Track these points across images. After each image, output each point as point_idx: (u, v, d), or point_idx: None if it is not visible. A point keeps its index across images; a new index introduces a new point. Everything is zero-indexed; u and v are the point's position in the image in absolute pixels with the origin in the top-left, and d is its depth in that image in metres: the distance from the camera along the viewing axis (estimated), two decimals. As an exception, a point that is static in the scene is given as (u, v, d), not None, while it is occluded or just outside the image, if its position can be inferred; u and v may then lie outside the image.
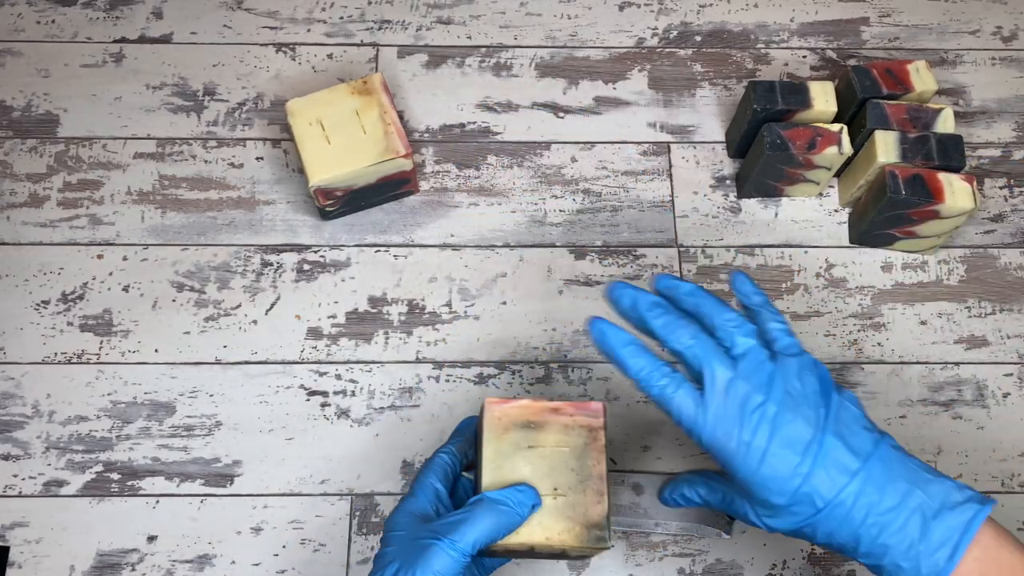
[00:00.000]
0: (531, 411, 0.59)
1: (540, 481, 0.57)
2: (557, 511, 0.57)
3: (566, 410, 0.59)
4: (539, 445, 0.58)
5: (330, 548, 0.71)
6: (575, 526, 0.56)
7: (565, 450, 0.58)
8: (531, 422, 0.58)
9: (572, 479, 0.57)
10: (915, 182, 0.75)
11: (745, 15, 0.92)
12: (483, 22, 0.90)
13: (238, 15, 0.90)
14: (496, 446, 0.58)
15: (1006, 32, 0.91)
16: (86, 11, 0.89)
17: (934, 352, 0.79)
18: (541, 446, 0.58)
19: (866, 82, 0.79)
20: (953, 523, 0.49)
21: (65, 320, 0.77)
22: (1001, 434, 0.76)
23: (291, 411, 0.75)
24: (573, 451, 0.58)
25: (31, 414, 0.74)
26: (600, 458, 0.58)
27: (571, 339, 0.78)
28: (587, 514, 0.56)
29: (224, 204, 0.82)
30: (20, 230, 0.80)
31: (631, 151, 0.85)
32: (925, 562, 0.48)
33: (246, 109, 0.86)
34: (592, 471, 0.58)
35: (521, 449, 0.58)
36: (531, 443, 0.58)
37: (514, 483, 0.56)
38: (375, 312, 0.79)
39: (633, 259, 0.81)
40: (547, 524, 0.56)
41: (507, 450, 0.58)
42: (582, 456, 0.58)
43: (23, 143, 0.84)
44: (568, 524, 0.56)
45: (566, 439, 0.58)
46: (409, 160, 0.77)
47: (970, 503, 0.50)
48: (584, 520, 0.56)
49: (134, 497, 0.72)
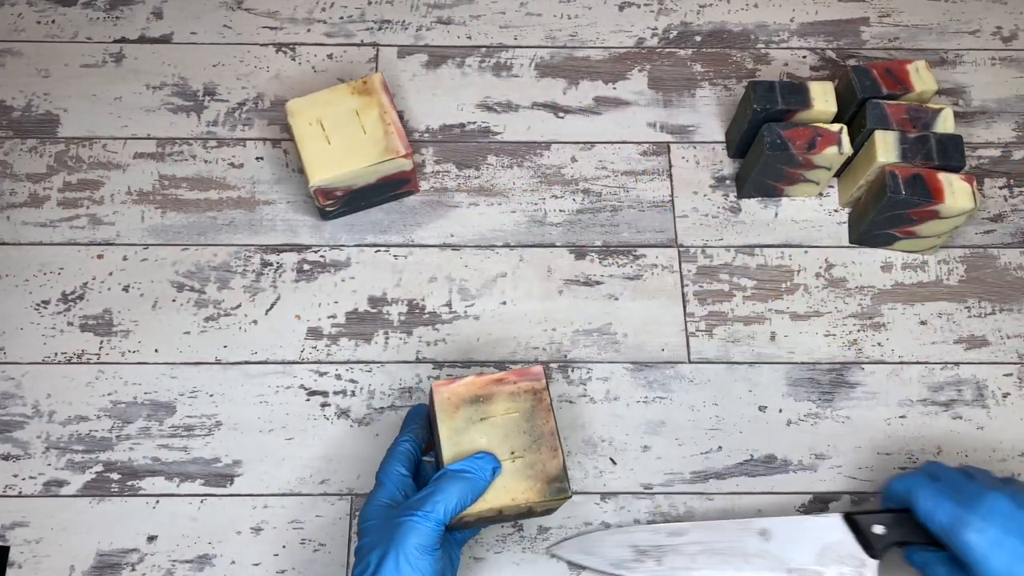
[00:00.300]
0: (477, 386, 0.63)
1: (497, 448, 0.61)
2: (517, 472, 0.61)
3: (509, 379, 0.63)
4: (490, 416, 0.62)
5: (330, 548, 0.71)
6: (536, 483, 0.61)
7: (515, 415, 0.62)
8: (479, 396, 0.63)
9: (526, 440, 0.62)
10: (915, 182, 0.75)
11: (745, 15, 0.92)
12: (483, 22, 0.90)
13: (238, 15, 0.90)
14: (450, 424, 0.62)
15: (1006, 32, 0.91)
16: (86, 11, 0.89)
17: (934, 352, 0.79)
18: (492, 416, 0.62)
19: (866, 82, 0.79)
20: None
21: (65, 320, 0.77)
22: (1001, 434, 0.76)
23: (291, 411, 0.75)
24: (523, 415, 0.62)
25: (31, 414, 0.74)
26: (548, 416, 0.62)
27: (571, 339, 0.78)
28: (545, 470, 0.61)
29: (224, 204, 0.82)
30: (20, 230, 0.80)
31: (631, 151, 0.85)
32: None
33: (246, 109, 0.86)
34: (543, 430, 0.62)
35: (474, 423, 0.62)
36: (482, 415, 0.62)
37: (473, 453, 0.61)
38: (375, 312, 0.79)
39: (633, 259, 0.81)
40: (510, 486, 0.60)
41: (461, 426, 0.62)
42: (531, 418, 0.62)
43: (23, 143, 0.84)
44: (530, 483, 0.61)
45: (514, 405, 0.63)
46: (409, 160, 0.77)
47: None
48: (544, 476, 0.61)
49: (134, 497, 0.72)
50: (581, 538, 0.69)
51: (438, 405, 0.63)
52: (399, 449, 0.64)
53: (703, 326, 0.79)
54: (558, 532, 0.71)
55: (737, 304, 0.80)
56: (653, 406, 0.76)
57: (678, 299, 0.80)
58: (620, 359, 0.78)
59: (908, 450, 0.75)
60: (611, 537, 0.69)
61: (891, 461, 0.75)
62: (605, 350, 0.78)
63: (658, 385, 0.77)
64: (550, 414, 0.63)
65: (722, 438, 0.75)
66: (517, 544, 0.71)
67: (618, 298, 0.80)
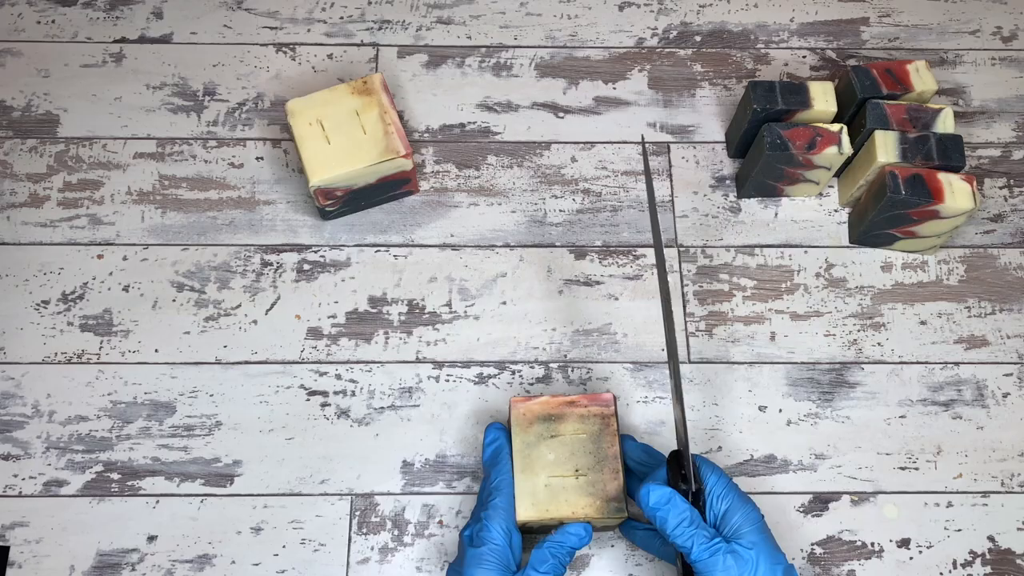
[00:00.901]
0: (550, 405, 0.68)
1: (563, 464, 0.66)
2: (580, 489, 0.65)
3: (581, 402, 0.68)
4: (560, 434, 0.67)
5: (330, 548, 0.71)
6: (596, 500, 0.65)
7: (583, 436, 0.67)
8: (551, 415, 0.68)
9: (591, 460, 0.66)
10: (915, 182, 0.75)
11: (745, 15, 0.92)
12: (483, 22, 0.90)
13: (238, 15, 0.90)
14: (523, 438, 0.67)
15: (1006, 32, 0.91)
16: (86, 11, 0.89)
17: (934, 352, 0.79)
18: (561, 435, 0.67)
19: (866, 82, 0.79)
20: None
21: (65, 320, 0.77)
22: (1001, 434, 0.76)
23: (291, 411, 0.75)
24: (590, 437, 0.67)
25: (31, 414, 0.74)
26: (613, 441, 0.67)
27: (571, 339, 0.78)
28: (606, 490, 0.65)
29: (224, 204, 0.82)
30: (20, 230, 0.80)
31: (631, 151, 0.85)
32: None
33: (246, 109, 0.86)
34: (607, 453, 0.66)
35: (544, 439, 0.67)
36: (552, 433, 0.67)
37: (541, 467, 0.66)
38: (375, 312, 0.79)
39: (633, 259, 0.81)
40: (572, 500, 0.65)
41: (532, 440, 0.67)
42: (598, 440, 0.67)
43: (23, 143, 0.84)
44: (590, 499, 0.65)
45: (583, 427, 0.67)
46: (409, 160, 0.77)
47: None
48: (603, 495, 0.65)
49: (134, 497, 0.72)
50: None
51: (513, 419, 0.68)
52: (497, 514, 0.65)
53: (703, 326, 0.79)
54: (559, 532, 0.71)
55: (737, 304, 0.80)
56: (653, 406, 0.76)
57: (678, 299, 0.80)
58: (620, 359, 0.78)
59: (908, 450, 0.75)
60: None
61: (891, 461, 0.75)
62: (605, 350, 0.78)
63: (658, 385, 0.77)
64: (615, 439, 0.67)
65: (722, 438, 0.75)
66: (517, 544, 0.71)
67: (618, 298, 0.80)
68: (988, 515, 0.73)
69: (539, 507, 0.65)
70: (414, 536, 0.72)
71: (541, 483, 0.65)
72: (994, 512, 0.74)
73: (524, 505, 0.65)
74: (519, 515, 0.65)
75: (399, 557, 0.71)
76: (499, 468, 0.66)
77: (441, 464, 0.74)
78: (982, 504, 0.74)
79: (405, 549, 0.71)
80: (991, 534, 0.73)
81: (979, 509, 0.74)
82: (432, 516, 0.72)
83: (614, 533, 0.72)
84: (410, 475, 0.74)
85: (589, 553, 0.71)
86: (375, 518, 0.72)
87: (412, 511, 0.72)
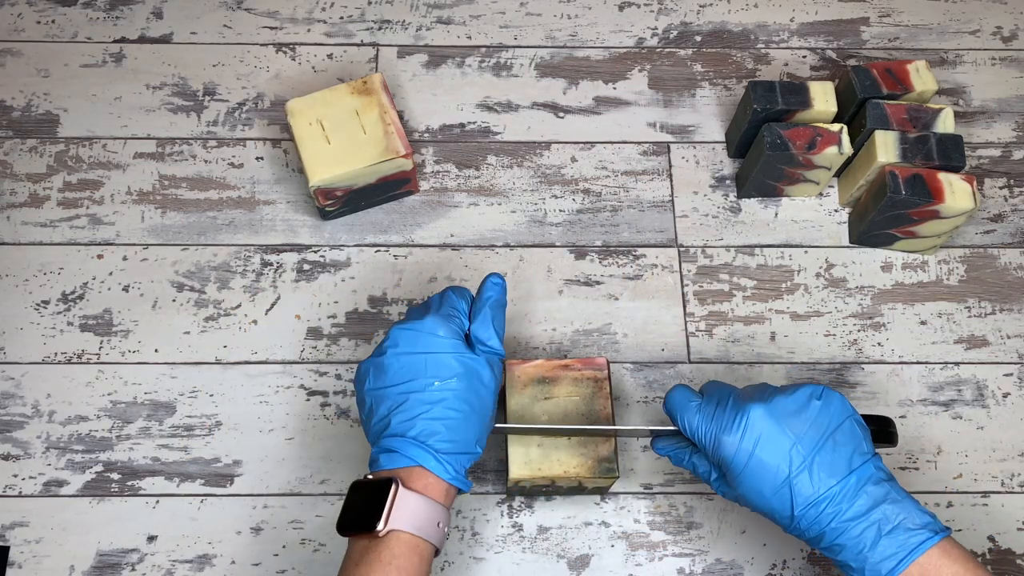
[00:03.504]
0: (545, 368, 0.69)
1: (557, 424, 0.67)
2: (572, 448, 0.67)
3: (574, 366, 0.69)
4: (553, 396, 0.68)
5: (330, 548, 0.71)
6: (587, 460, 0.66)
7: (576, 399, 0.68)
8: (545, 377, 0.69)
9: (583, 422, 0.67)
10: (915, 182, 0.75)
11: (745, 15, 0.92)
12: (483, 22, 0.90)
13: (238, 15, 0.90)
14: (518, 399, 0.68)
15: (1006, 32, 0.91)
16: (86, 11, 0.89)
17: (934, 352, 0.79)
18: (555, 397, 0.68)
19: (866, 82, 0.79)
20: (902, 542, 0.54)
21: (65, 320, 0.77)
22: (1001, 434, 0.76)
23: (291, 411, 0.75)
24: (583, 399, 0.68)
25: (31, 414, 0.74)
26: (606, 403, 0.68)
27: (571, 339, 0.78)
28: (597, 450, 0.67)
29: (224, 204, 0.82)
30: (20, 230, 0.80)
31: (631, 151, 0.85)
32: (870, 569, 0.54)
33: (246, 109, 0.86)
34: (600, 415, 0.67)
35: (539, 400, 0.68)
36: (547, 395, 0.68)
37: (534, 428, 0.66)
38: (375, 312, 0.79)
39: (633, 259, 0.81)
40: (564, 460, 0.66)
41: (527, 402, 0.68)
42: (591, 403, 0.68)
43: (23, 143, 0.84)
44: (581, 459, 0.66)
45: (576, 390, 0.68)
46: (409, 160, 0.77)
47: (924, 530, 0.55)
48: (595, 455, 0.66)
49: (134, 497, 0.72)
50: None
51: (508, 381, 0.68)
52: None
53: (703, 326, 0.79)
54: (558, 532, 0.72)
55: (737, 304, 0.80)
56: (653, 406, 0.76)
57: (678, 299, 0.80)
58: (620, 359, 0.78)
59: (908, 450, 0.75)
60: None
61: (891, 461, 0.75)
62: (605, 350, 0.78)
63: (658, 385, 0.77)
64: (608, 401, 0.68)
65: (722, 438, 0.75)
66: (517, 544, 0.71)
67: (618, 298, 0.80)
68: (988, 515, 0.73)
69: (532, 466, 0.66)
70: (414, 536, 0.72)
71: (534, 443, 0.66)
72: (994, 512, 0.74)
73: (517, 464, 0.66)
74: (512, 473, 0.66)
75: (399, 557, 0.71)
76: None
77: (441, 464, 0.74)
78: (982, 504, 0.74)
79: (405, 549, 0.71)
80: (991, 534, 0.73)
81: (979, 509, 0.74)
82: (432, 516, 0.72)
83: (616, 531, 0.72)
84: (410, 475, 0.73)
85: (589, 553, 0.71)
86: (375, 518, 0.72)
87: (412, 511, 0.72)
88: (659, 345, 0.78)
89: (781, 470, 0.56)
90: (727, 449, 0.58)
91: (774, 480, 0.56)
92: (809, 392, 0.58)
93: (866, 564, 0.54)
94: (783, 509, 0.57)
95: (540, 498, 0.72)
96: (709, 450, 0.60)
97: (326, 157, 0.76)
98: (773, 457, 0.56)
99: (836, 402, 0.58)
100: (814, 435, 0.56)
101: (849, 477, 0.56)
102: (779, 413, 0.57)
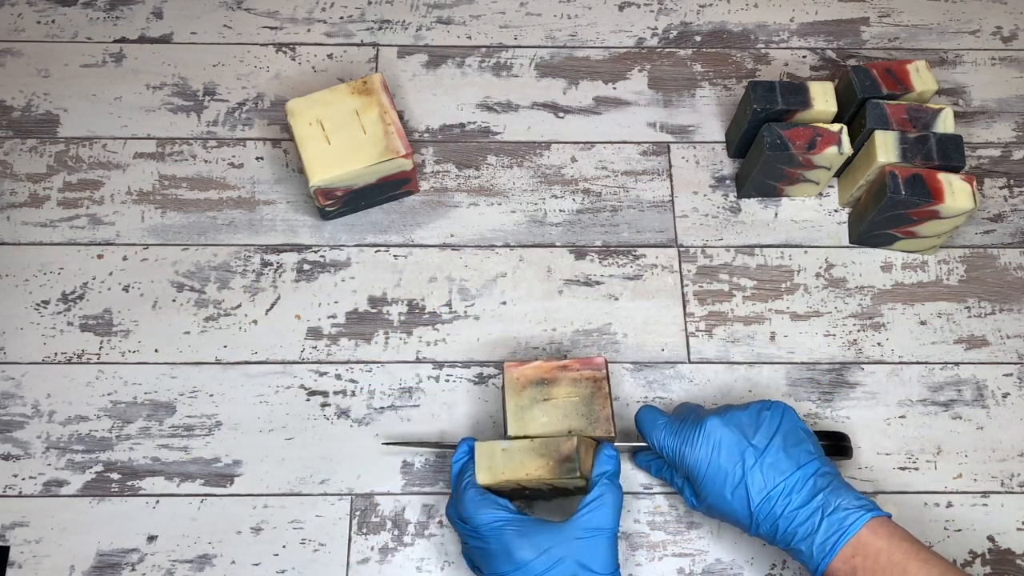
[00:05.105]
0: (543, 370, 0.69)
1: (556, 426, 0.67)
2: (534, 451, 0.66)
3: (573, 366, 0.69)
4: (552, 397, 0.68)
5: (330, 548, 0.71)
6: (549, 462, 0.65)
7: (575, 399, 0.68)
8: (544, 379, 0.69)
9: (583, 423, 0.67)
10: (915, 182, 0.75)
11: (745, 15, 0.92)
12: (483, 22, 0.90)
13: (238, 15, 0.90)
14: (517, 401, 0.68)
15: (1006, 32, 0.91)
16: (86, 11, 0.89)
17: (934, 352, 0.79)
18: (554, 398, 0.68)
19: (866, 82, 0.79)
20: (840, 520, 0.61)
21: (65, 320, 0.77)
22: (1001, 434, 0.76)
23: (291, 411, 0.75)
24: (582, 400, 0.68)
25: (31, 414, 0.74)
26: (605, 403, 0.68)
27: (571, 339, 0.78)
28: (559, 451, 0.65)
29: (224, 204, 0.82)
30: (20, 230, 0.80)
31: (631, 151, 0.85)
32: (816, 548, 0.61)
33: (246, 109, 0.86)
34: (600, 415, 0.68)
35: (538, 402, 0.68)
36: (545, 396, 0.68)
37: (534, 431, 0.68)
38: (375, 312, 0.79)
39: (633, 259, 0.81)
40: (526, 462, 0.65)
41: (526, 404, 0.68)
42: (590, 403, 0.68)
43: (23, 143, 0.84)
44: (543, 461, 0.65)
45: (575, 390, 0.69)
46: (409, 160, 0.77)
47: (859, 510, 0.61)
48: (557, 456, 0.65)
49: (134, 497, 0.72)
50: None
51: (507, 383, 0.69)
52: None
53: (703, 326, 0.79)
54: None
55: (737, 304, 0.80)
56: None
57: (678, 299, 0.80)
58: (620, 359, 0.78)
59: (908, 450, 0.75)
60: None
61: (891, 461, 0.75)
62: (605, 350, 0.78)
63: (658, 385, 0.77)
64: (607, 401, 0.68)
65: (722, 438, 0.75)
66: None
67: (618, 298, 0.80)
68: (988, 515, 0.73)
69: (495, 472, 0.65)
70: (414, 536, 0.72)
71: (498, 448, 0.66)
72: (994, 512, 0.74)
73: (483, 471, 0.66)
74: (479, 480, 0.65)
75: (399, 557, 0.71)
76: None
77: (441, 464, 0.74)
78: (982, 504, 0.74)
79: (405, 549, 0.71)
80: (991, 534, 0.73)
81: (979, 509, 0.74)
82: (432, 516, 0.72)
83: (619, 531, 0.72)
84: (410, 475, 0.74)
85: (589, 553, 0.71)
86: (375, 518, 0.72)
87: (412, 511, 0.72)
88: (659, 345, 0.78)
89: (736, 471, 0.63)
90: (690, 459, 0.65)
91: (732, 481, 0.63)
92: (760, 405, 0.66)
93: (813, 545, 0.61)
94: (742, 508, 0.63)
95: (540, 499, 0.72)
96: (677, 462, 0.66)
97: (326, 157, 0.76)
98: (729, 460, 0.64)
99: (784, 412, 0.66)
100: (763, 439, 0.64)
101: (796, 473, 0.63)
102: (733, 423, 0.65)
